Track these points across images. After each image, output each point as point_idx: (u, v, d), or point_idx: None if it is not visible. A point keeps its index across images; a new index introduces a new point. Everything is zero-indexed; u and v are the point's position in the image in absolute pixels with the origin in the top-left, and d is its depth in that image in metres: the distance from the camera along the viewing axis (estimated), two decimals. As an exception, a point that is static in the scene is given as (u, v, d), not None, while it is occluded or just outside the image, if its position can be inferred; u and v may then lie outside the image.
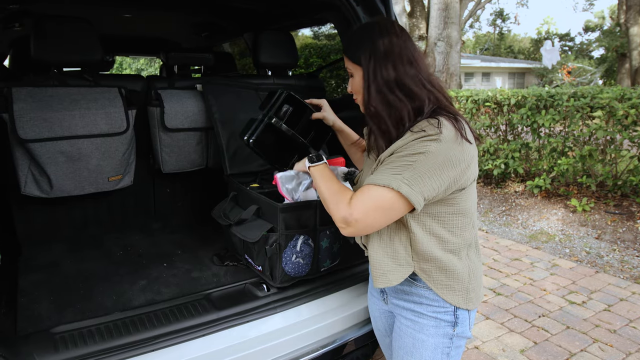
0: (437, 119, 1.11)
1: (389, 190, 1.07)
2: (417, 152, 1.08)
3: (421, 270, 1.22)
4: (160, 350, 1.39)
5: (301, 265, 1.69)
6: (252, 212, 1.74)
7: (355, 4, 2.11)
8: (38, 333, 1.45)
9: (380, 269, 1.22)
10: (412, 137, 1.10)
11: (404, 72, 1.16)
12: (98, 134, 1.92)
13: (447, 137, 1.09)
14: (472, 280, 1.24)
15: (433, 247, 1.19)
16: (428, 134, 1.09)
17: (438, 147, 1.08)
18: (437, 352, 1.24)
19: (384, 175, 1.10)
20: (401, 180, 1.07)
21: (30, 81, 1.90)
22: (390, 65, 1.16)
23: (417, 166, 1.07)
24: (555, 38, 29.43)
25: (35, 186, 1.90)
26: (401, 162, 1.09)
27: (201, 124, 2.20)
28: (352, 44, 1.25)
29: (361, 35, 1.22)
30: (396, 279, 1.20)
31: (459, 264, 1.22)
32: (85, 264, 1.98)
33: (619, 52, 17.52)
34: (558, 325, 2.94)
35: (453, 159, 1.09)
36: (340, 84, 5.99)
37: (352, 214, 1.10)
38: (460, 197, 1.17)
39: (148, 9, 2.88)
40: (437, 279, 1.21)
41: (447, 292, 1.22)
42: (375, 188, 1.09)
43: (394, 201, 1.08)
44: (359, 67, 1.22)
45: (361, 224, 1.10)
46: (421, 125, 1.11)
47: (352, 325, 1.71)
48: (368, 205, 1.09)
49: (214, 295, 1.69)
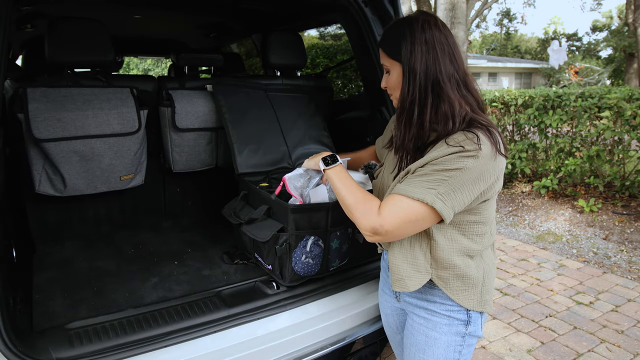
0: (476, 134, 1.09)
1: (423, 205, 1.07)
2: (454, 168, 1.07)
3: (438, 278, 1.21)
4: (173, 346, 1.41)
5: (310, 265, 1.70)
6: (263, 211, 1.76)
7: (364, 4, 2.12)
8: (53, 329, 1.48)
9: (398, 273, 1.22)
10: (449, 150, 1.08)
11: (443, 69, 1.13)
12: (111, 133, 1.95)
13: (484, 154, 1.07)
14: (485, 283, 1.25)
15: (452, 255, 1.18)
16: (467, 149, 1.07)
17: (475, 164, 1.07)
18: (449, 350, 1.25)
19: (418, 188, 1.09)
20: (435, 196, 1.06)
21: (45, 82, 1.93)
22: (431, 60, 1.13)
23: (452, 182, 1.07)
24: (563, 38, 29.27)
25: (50, 185, 1.93)
26: (436, 176, 1.08)
27: (211, 124, 2.23)
28: (389, 39, 1.21)
29: (400, 29, 1.18)
30: (414, 285, 1.21)
31: (475, 269, 1.22)
32: (98, 261, 2.01)
33: (627, 52, 17.41)
34: (565, 325, 2.94)
35: (486, 174, 1.09)
36: (347, 84, 6.00)
37: (382, 226, 1.09)
38: (484, 206, 1.18)
39: (158, 10, 2.91)
40: (454, 286, 1.22)
41: (462, 298, 1.23)
42: (407, 200, 1.09)
43: (426, 215, 1.09)
44: (396, 62, 1.19)
45: (390, 235, 1.11)
46: (458, 139, 1.09)
47: (361, 323, 1.73)
48: (400, 216, 1.09)
49: (225, 293, 1.71)
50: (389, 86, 1.26)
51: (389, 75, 1.25)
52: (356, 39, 2.30)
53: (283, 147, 2.22)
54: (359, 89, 5.65)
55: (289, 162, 2.20)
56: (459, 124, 1.11)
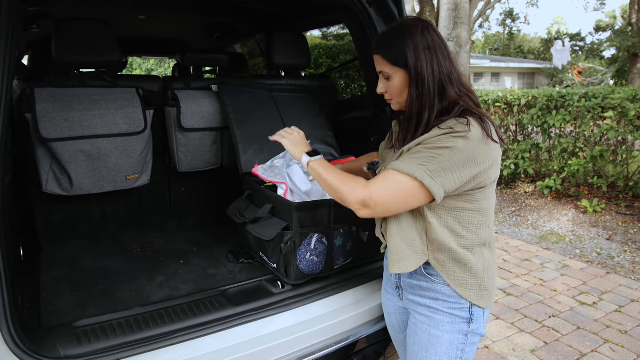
0: (466, 119, 1.14)
1: (412, 179, 1.11)
2: (444, 147, 1.11)
3: (435, 261, 1.24)
4: (180, 344, 1.42)
5: (315, 263, 1.72)
6: (267, 210, 1.77)
7: (368, 5, 2.13)
8: (61, 327, 1.49)
9: (397, 254, 1.25)
10: (440, 132, 1.14)
11: (445, 70, 1.19)
12: (117, 133, 1.96)
13: (474, 136, 1.12)
14: (485, 277, 1.26)
15: (447, 240, 1.21)
16: (456, 130, 1.12)
17: (464, 145, 1.11)
18: (452, 348, 1.26)
19: (409, 163, 1.13)
20: (425, 172, 1.10)
21: (52, 82, 1.95)
22: (435, 63, 1.18)
23: (442, 159, 1.11)
24: (566, 38, 29.16)
25: (57, 184, 1.95)
26: (427, 154, 1.12)
27: (216, 124, 2.24)
28: (389, 45, 1.23)
29: (401, 36, 1.21)
30: (412, 266, 1.24)
31: (473, 259, 1.24)
32: (104, 260, 2.03)
33: (630, 52, 17.33)
34: (568, 325, 2.94)
35: (478, 157, 1.13)
36: (350, 84, 6.01)
37: (371, 197, 1.13)
38: (479, 194, 1.20)
39: (162, 10, 2.92)
40: (451, 271, 1.24)
41: (461, 286, 1.24)
42: (398, 174, 1.13)
43: (415, 190, 1.12)
44: (400, 69, 1.22)
45: (379, 207, 1.14)
46: (449, 124, 1.15)
47: (366, 322, 1.74)
48: (389, 189, 1.13)
49: (230, 292, 1.72)
50: (390, 92, 1.29)
51: (388, 81, 1.27)
52: (360, 39, 2.31)
53: (288, 147, 2.23)
54: (361, 89, 5.65)
55: (293, 162, 2.22)
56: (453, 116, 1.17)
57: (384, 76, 1.28)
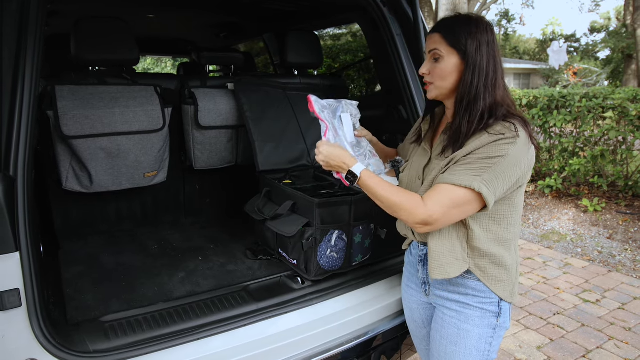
0: (513, 124, 1.16)
1: (469, 191, 1.14)
2: (497, 155, 1.13)
3: (476, 267, 1.27)
4: (206, 338, 1.44)
5: (335, 259, 1.74)
6: (288, 207, 1.80)
7: (382, 4, 2.16)
8: (88, 322, 1.50)
9: (438, 260, 1.27)
10: (490, 139, 1.15)
11: (499, 68, 1.21)
12: (137, 131, 1.97)
13: (521, 141, 1.15)
14: (516, 273, 1.30)
15: (488, 245, 1.24)
16: (506, 137, 1.14)
17: (514, 150, 1.14)
18: (481, 342, 1.29)
19: (463, 175, 1.15)
20: (481, 182, 1.13)
21: (72, 79, 1.96)
22: (492, 60, 1.20)
23: (495, 169, 1.13)
24: (561, 39, 29.33)
25: (76, 181, 1.96)
26: (481, 164, 1.14)
27: (232, 122, 2.26)
28: (453, 28, 1.23)
29: (467, 24, 1.22)
30: (454, 272, 1.25)
31: (509, 258, 1.27)
32: (123, 257, 2.04)
33: (625, 53, 17.51)
34: (573, 322, 2.99)
35: (522, 160, 1.16)
36: (350, 84, 6.04)
37: (431, 216, 1.15)
38: (515, 193, 1.24)
39: (171, 9, 2.93)
40: (491, 274, 1.27)
41: (496, 283, 1.27)
42: (454, 188, 1.15)
43: (472, 200, 1.15)
44: (456, 52, 1.22)
45: (440, 223, 1.17)
46: (497, 129, 1.16)
47: (384, 318, 1.76)
48: (447, 205, 1.15)
49: (252, 288, 1.74)
50: (434, 74, 1.26)
51: (436, 62, 1.25)
52: (374, 38, 2.34)
53: (302, 145, 2.26)
54: (361, 89, 5.69)
55: (307, 160, 2.24)
56: (500, 119, 1.19)
57: (434, 56, 1.25)
